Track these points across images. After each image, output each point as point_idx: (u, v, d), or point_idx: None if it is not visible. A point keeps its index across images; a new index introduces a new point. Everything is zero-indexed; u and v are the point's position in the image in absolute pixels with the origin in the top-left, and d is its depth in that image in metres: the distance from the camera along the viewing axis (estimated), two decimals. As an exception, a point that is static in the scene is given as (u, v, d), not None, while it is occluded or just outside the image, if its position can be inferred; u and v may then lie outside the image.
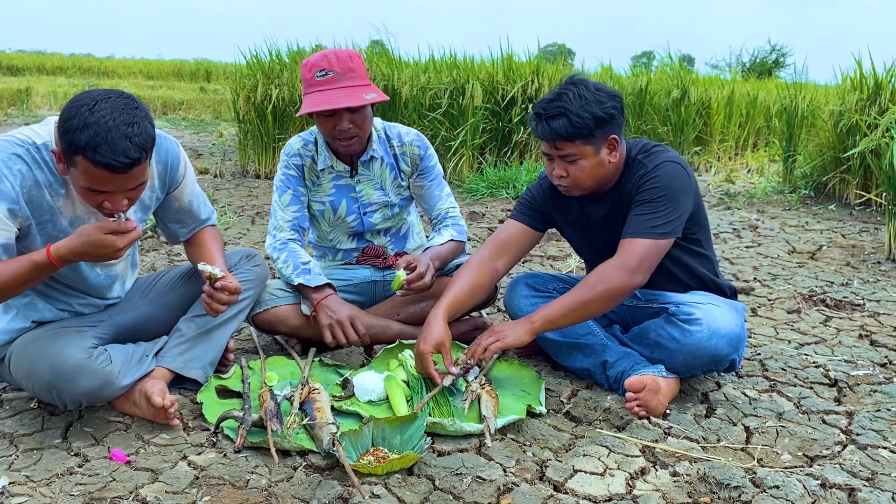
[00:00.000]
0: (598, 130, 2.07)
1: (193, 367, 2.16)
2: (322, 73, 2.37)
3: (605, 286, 2.06)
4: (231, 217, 4.99)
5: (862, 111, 5.79)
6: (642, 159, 2.18)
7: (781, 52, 24.42)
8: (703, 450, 1.93)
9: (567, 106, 2.05)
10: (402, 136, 2.63)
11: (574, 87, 2.08)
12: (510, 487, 1.72)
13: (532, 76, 6.89)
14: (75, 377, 1.86)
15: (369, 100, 2.37)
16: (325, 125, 2.42)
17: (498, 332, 2.13)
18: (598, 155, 2.11)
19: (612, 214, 2.23)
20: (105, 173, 1.67)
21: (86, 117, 1.64)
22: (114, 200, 1.75)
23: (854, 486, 1.75)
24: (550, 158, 2.16)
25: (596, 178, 2.15)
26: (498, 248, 2.33)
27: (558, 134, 2.06)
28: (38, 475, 1.72)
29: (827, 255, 4.29)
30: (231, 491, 1.68)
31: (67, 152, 1.68)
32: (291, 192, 2.58)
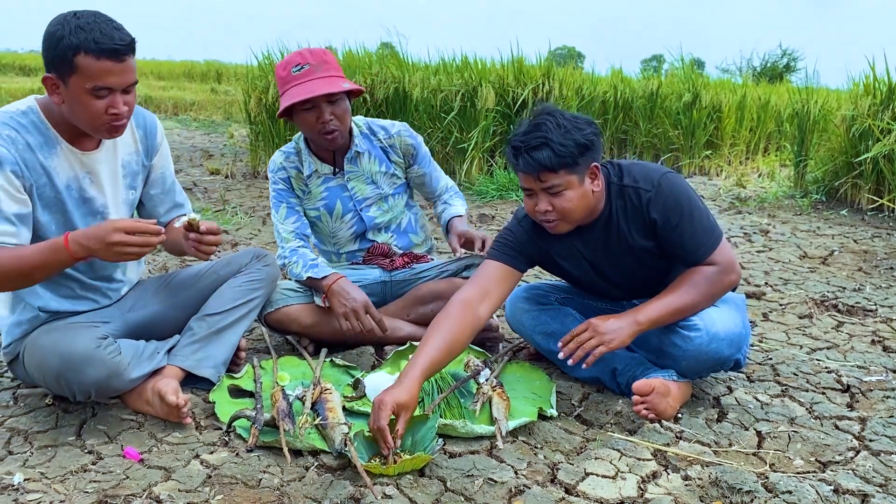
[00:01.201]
0: (580, 158, 1.99)
1: (206, 366, 2.17)
2: (298, 67, 2.41)
3: (718, 288, 2.07)
4: (242, 217, 5.01)
5: (875, 116, 5.76)
6: (631, 184, 2.10)
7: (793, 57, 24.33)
8: (714, 454, 1.92)
9: (548, 135, 1.96)
10: (389, 128, 2.67)
11: (550, 117, 2.00)
12: (521, 489, 1.72)
13: (542, 79, 6.90)
14: (83, 366, 1.87)
15: (347, 87, 2.42)
16: (308, 120, 2.44)
17: (602, 332, 2.00)
18: (583, 185, 2.03)
19: (612, 242, 2.16)
20: (108, 63, 1.80)
21: (74, 23, 1.79)
22: (115, 103, 1.85)
23: (867, 492, 1.74)
24: (531, 194, 2.06)
25: (582, 210, 2.06)
26: (481, 290, 2.14)
27: (542, 165, 1.97)
28: (52, 472, 1.73)
29: (839, 261, 4.27)
30: (243, 490, 1.68)
31: (66, 61, 1.78)
32: (286, 205, 2.62)
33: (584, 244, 2.19)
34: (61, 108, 1.89)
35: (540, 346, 2.38)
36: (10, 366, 2.12)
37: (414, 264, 2.70)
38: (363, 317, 2.39)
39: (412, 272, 2.68)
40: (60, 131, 1.94)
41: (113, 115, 1.87)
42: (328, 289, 2.43)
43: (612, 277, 2.25)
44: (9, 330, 2.06)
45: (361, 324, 2.39)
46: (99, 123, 1.87)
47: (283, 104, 2.42)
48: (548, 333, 2.33)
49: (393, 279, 2.68)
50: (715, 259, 2.08)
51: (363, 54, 7.34)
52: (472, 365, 2.28)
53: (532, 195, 2.07)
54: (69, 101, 1.85)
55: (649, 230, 2.10)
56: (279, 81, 2.47)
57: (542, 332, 2.35)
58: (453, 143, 6.57)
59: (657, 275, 2.20)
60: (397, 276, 2.68)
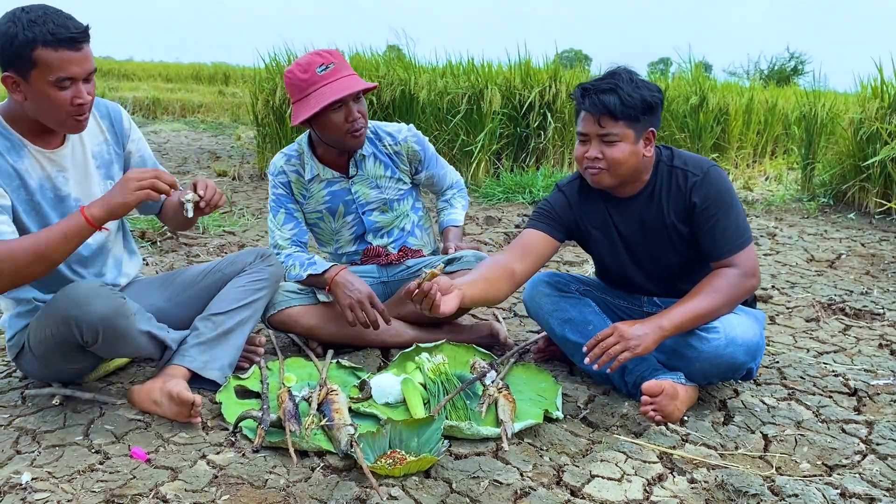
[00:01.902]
0: (643, 116, 2.06)
1: (212, 367, 2.18)
2: (323, 67, 2.38)
3: (739, 292, 2.09)
4: (249, 219, 5.02)
5: (883, 119, 5.74)
6: (681, 166, 2.17)
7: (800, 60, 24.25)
8: (720, 457, 1.92)
9: (619, 83, 2.04)
10: (395, 135, 2.63)
11: (625, 71, 2.09)
12: (527, 491, 1.72)
13: (549, 82, 6.90)
14: (90, 300, 1.88)
15: (370, 84, 2.44)
16: (337, 120, 2.41)
17: (628, 338, 1.99)
18: (636, 144, 2.09)
19: (648, 218, 2.20)
20: (67, 53, 1.81)
21: (25, 18, 1.79)
22: (79, 93, 1.87)
23: (874, 496, 1.73)
24: (585, 141, 2.12)
25: (629, 168, 2.11)
26: (518, 251, 2.24)
27: (607, 108, 2.03)
28: (59, 471, 1.74)
29: (846, 264, 4.25)
30: (249, 490, 1.69)
31: (24, 57, 1.79)
32: (284, 212, 2.61)
33: (622, 218, 2.24)
34: (24, 106, 1.89)
35: (555, 331, 2.36)
36: (15, 361, 2.13)
37: (408, 259, 2.70)
38: (368, 308, 2.39)
39: (409, 271, 2.68)
40: (23, 133, 1.95)
41: (78, 106, 1.88)
42: (331, 280, 2.43)
43: (641, 258, 2.27)
44: (11, 323, 2.09)
45: (366, 315, 2.39)
46: (64, 115, 1.89)
47: (313, 106, 2.36)
48: (565, 320, 2.33)
49: (392, 278, 2.68)
50: (738, 259, 2.10)
51: (370, 56, 7.35)
52: (478, 367, 2.28)
53: (585, 141, 2.12)
54: (32, 98, 1.86)
55: (687, 214, 2.15)
56: (301, 84, 2.40)
57: (559, 318, 2.34)
58: (460, 145, 6.57)
59: (682, 264, 2.24)
60: (395, 276, 2.68)
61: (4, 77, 1.85)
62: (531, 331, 2.91)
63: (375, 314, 2.40)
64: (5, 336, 2.13)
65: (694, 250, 2.20)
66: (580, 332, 2.28)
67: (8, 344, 2.12)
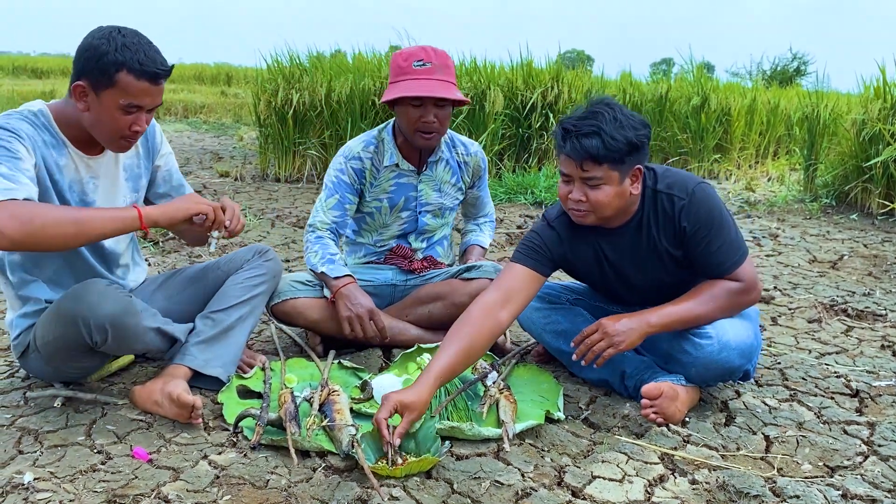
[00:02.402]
0: (627, 157, 1.96)
1: (214, 365, 2.18)
2: (420, 62, 2.43)
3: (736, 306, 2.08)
4: (251, 220, 5.03)
5: (885, 120, 5.74)
6: (665, 190, 2.09)
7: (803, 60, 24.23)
8: (722, 458, 1.92)
9: (602, 125, 1.93)
10: (468, 146, 2.72)
11: (609, 108, 1.97)
12: (528, 492, 1.72)
13: (551, 82, 6.91)
14: (99, 300, 1.89)
15: (460, 97, 2.45)
16: (411, 115, 2.45)
17: (611, 334, 2.00)
18: (622, 184, 2.00)
19: (639, 246, 2.15)
20: (145, 85, 1.88)
21: (120, 41, 1.86)
22: (139, 121, 1.94)
23: (876, 498, 1.73)
24: (568, 181, 2.04)
25: (614, 208, 2.03)
26: (504, 294, 2.11)
27: (589, 154, 1.94)
28: (62, 471, 1.74)
29: (848, 265, 4.25)
30: (251, 490, 1.69)
31: (106, 74, 1.85)
32: (338, 198, 2.60)
33: (612, 248, 2.18)
34: (81, 115, 1.93)
35: (550, 345, 2.38)
36: (20, 360, 2.14)
37: (429, 270, 2.70)
38: (366, 323, 2.40)
39: (423, 278, 2.69)
40: (68, 135, 1.98)
41: (133, 133, 1.95)
42: (337, 291, 2.44)
43: (636, 284, 2.24)
44: (16, 323, 2.09)
45: (364, 330, 2.41)
46: (118, 137, 1.95)
47: (395, 92, 2.42)
48: (558, 332, 2.33)
49: (406, 283, 2.69)
50: (738, 275, 2.08)
51: (372, 56, 7.36)
52: (479, 368, 2.28)
53: (569, 182, 2.04)
54: (95, 112, 1.91)
55: (679, 238, 2.09)
56: (395, 69, 2.48)
57: (552, 331, 2.35)
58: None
59: (676, 283, 2.18)
60: (410, 282, 2.69)
61: (76, 85, 1.89)
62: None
63: (374, 331, 2.42)
64: (10, 336, 2.13)
65: (688, 271, 2.16)
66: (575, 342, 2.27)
67: (13, 343, 2.12)
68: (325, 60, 7.19)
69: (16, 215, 1.70)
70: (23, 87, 15.20)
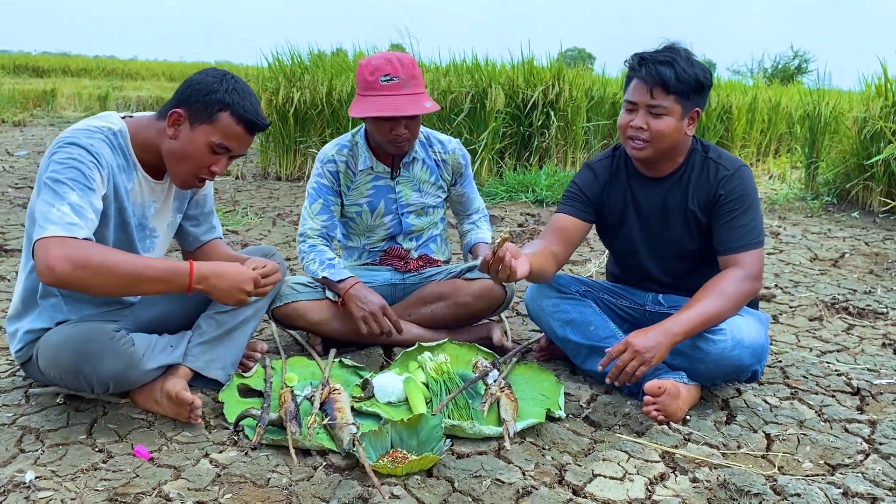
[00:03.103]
0: (693, 94, 2.11)
1: (215, 367, 2.18)
2: (387, 77, 2.40)
3: (742, 296, 2.10)
4: (252, 218, 5.03)
5: (886, 118, 5.73)
6: (715, 158, 2.22)
7: (804, 58, 24.21)
8: (723, 456, 1.92)
9: (676, 58, 2.08)
10: (446, 144, 2.69)
11: (683, 49, 2.13)
12: (529, 490, 1.72)
13: (552, 80, 6.90)
14: (101, 358, 1.89)
15: (430, 108, 2.43)
16: (382, 129, 2.44)
17: (642, 351, 1.99)
18: (682, 121, 2.13)
19: (671, 201, 2.25)
20: (241, 131, 1.94)
21: (232, 83, 1.94)
22: (222, 165, 1.98)
23: (877, 496, 1.73)
24: (632, 110, 2.15)
25: (670, 143, 2.15)
26: (553, 236, 2.30)
27: (662, 79, 2.07)
28: (63, 470, 1.75)
29: (850, 263, 4.25)
30: (252, 489, 1.69)
31: (209, 110, 1.90)
32: (322, 202, 2.61)
33: (646, 198, 2.29)
34: (163, 142, 1.95)
35: (556, 333, 2.38)
36: (22, 367, 2.14)
37: (426, 268, 2.71)
38: (381, 319, 2.42)
39: (422, 276, 2.69)
40: (139, 158, 2.00)
41: (210, 174, 1.98)
42: (345, 293, 2.45)
43: (655, 241, 2.32)
44: (20, 336, 2.05)
45: (380, 326, 2.42)
46: (193, 173, 1.97)
47: (364, 110, 2.40)
48: (566, 321, 2.34)
49: (405, 282, 2.69)
50: (746, 259, 2.13)
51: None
52: (480, 366, 2.28)
53: (633, 110, 2.16)
54: (182, 142, 1.93)
55: (710, 205, 2.20)
56: (361, 82, 2.44)
57: (560, 320, 2.35)
58: (463, 144, 6.57)
59: (694, 253, 2.28)
60: (409, 280, 2.69)
61: (174, 111, 1.92)
62: (534, 330, 2.91)
63: (389, 325, 2.43)
64: (13, 346, 2.09)
65: (707, 241, 2.24)
66: (581, 333, 2.29)
67: (15, 353, 2.09)
68: (326, 59, 7.20)
69: (70, 257, 1.70)
70: (24, 85, 15.21)
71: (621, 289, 2.48)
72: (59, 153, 1.84)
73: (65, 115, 12.38)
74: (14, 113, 11.08)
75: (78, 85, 16.58)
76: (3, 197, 5.24)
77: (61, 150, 1.84)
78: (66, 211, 1.75)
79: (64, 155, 1.82)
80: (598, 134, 7.85)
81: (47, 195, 1.78)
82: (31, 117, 11.53)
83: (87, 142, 1.86)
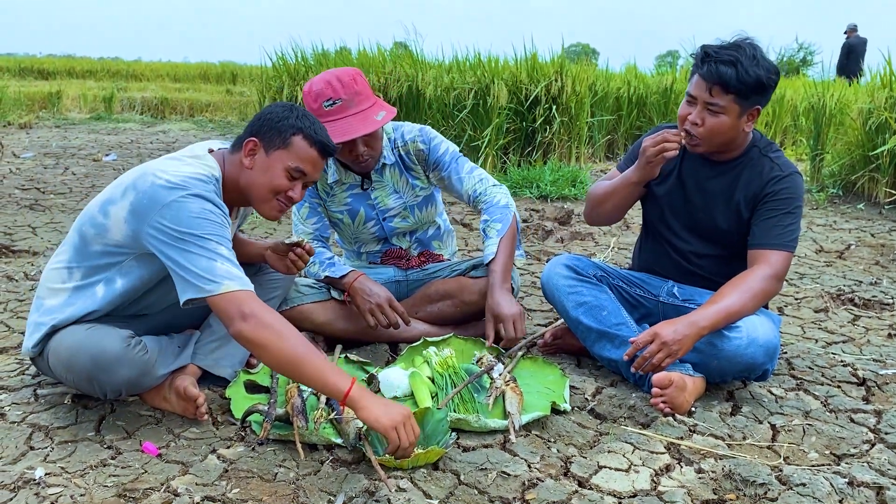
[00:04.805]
0: (753, 94, 2.10)
1: (223, 365, 2.20)
2: (330, 102, 2.36)
3: (764, 295, 2.12)
4: (256, 218, 5.04)
5: (891, 109, 5.71)
6: (773, 157, 2.24)
7: (809, 51, 24.08)
8: (728, 447, 1.92)
9: (740, 58, 2.06)
10: (405, 134, 2.60)
11: (750, 46, 2.10)
12: (535, 483, 1.73)
13: (556, 76, 6.89)
14: (115, 366, 1.90)
15: (381, 121, 2.39)
16: (342, 152, 2.43)
17: (668, 343, 2.01)
18: (739, 119, 2.13)
19: (718, 186, 2.27)
20: (314, 154, 1.98)
21: (301, 111, 2.01)
22: (298, 190, 2.01)
23: (882, 485, 1.73)
24: (691, 103, 2.16)
25: (725, 140, 2.17)
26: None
27: (722, 79, 2.06)
28: (72, 467, 1.76)
29: (855, 255, 4.24)
30: (259, 483, 1.70)
31: (282, 135, 1.96)
32: (308, 206, 2.62)
33: (696, 177, 2.31)
34: (241, 173, 1.99)
35: (569, 313, 2.38)
36: (33, 361, 2.15)
37: (428, 264, 2.72)
38: (388, 311, 2.42)
39: (425, 272, 2.70)
40: (225, 200, 2.01)
41: (287, 199, 2.00)
42: (350, 287, 2.46)
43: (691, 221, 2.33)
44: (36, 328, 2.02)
45: (387, 318, 2.42)
46: (271, 199, 2.00)
47: None
48: (579, 303, 2.35)
49: (408, 278, 2.70)
50: (774, 258, 2.14)
51: (377, 53, 7.36)
52: (485, 361, 2.29)
53: (692, 104, 2.16)
54: (259, 169, 1.97)
55: (756, 200, 2.22)
56: (309, 110, 2.38)
57: (574, 301, 2.36)
58: (466, 140, 6.58)
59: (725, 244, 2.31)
60: (412, 276, 2.70)
61: (249, 140, 1.98)
62: (539, 324, 2.92)
63: (396, 316, 2.43)
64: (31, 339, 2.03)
65: (742, 234, 2.25)
66: (594, 316, 2.30)
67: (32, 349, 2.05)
68: (329, 57, 7.21)
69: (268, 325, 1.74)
70: (29, 87, 15.26)
71: (638, 277, 2.49)
72: (187, 203, 1.83)
73: (70, 116, 12.42)
74: (20, 115, 11.11)
75: (83, 86, 16.61)
76: (9, 199, 5.27)
77: (190, 202, 1.84)
78: (230, 267, 1.81)
79: (196, 207, 1.84)
80: (601, 129, 7.84)
81: (196, 250, 1.80)
82: (36, 119, 11.57)
83: (212, 195, 1.89)
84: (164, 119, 13.30)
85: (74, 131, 9.91)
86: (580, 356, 2.53)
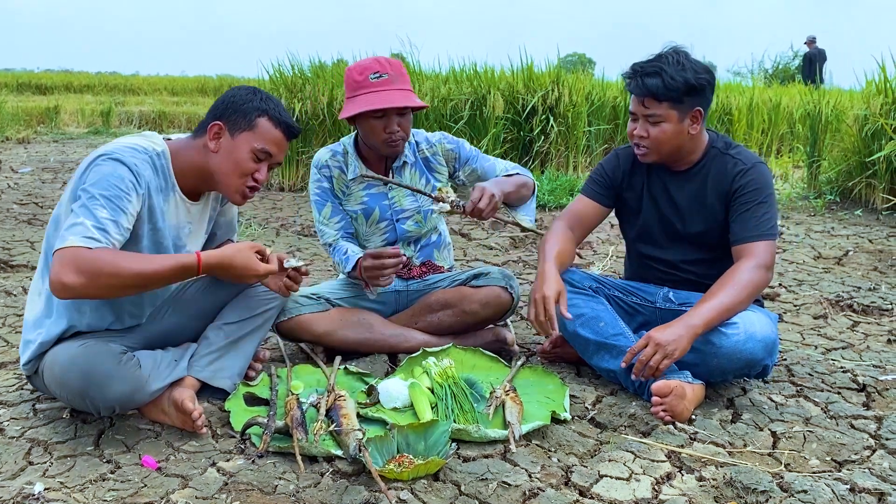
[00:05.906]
0: (686, 98, 2.16)
1: (222, 377, 2.19)
2: (377, 74, 2.43)
3: (755, 286, 2.15)
4: (256, 229, 5.04)
5: (887, 115, 5.73)
6: (734, 154, 2.29)
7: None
8: (729, 454, 1.92)
9: (664, 66, 2.15)
10: (430, 138, 2.69)
11: (674, 53, 2.20)
12: (536, 492, 1.72)
13: (552, 85, 6.92)
14: (108, 383, 1.89)
15: (420, 103, 2.47)
16: (375, 127, 2.45)
17: (663, 345, 2.03)
18: (681, 123, 2.20)
19: (689, 194, 2.32)
20: (279, 135, 2.03)
21: (264, 95, 2.04)
22: (264, 172, 2.05)
23: (884, 491, 1.73)
24: (635, 118, 2.25)
25: (673, 146, 2.24)
26: (571, 219, 2.45)
27: (650, 91, 2.16)
28: (72, 481, 1.75)
29: (854, 261, 4.24)
30: (259, 496, 1.70)
31: (247, 118, 1.99)
32: (331, 204, 2.64)
33: (665, 190, 2.36)
34: (207, 158, 2.00)
35: (566, 326, 2.37)
36: (29, 379, 2.15)
37: (429, 274, 2.72)
38: (386, 261, 2.40)
39: (426, 283, 2.70)
40: (177, 178, 2.03)
41: (254, 183, 2.04)
42: (360, 273, 2.48)
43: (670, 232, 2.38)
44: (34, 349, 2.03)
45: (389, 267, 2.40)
46: (239, 183, 2.02)
47: (356, 108, 2.42)
48: (575, 316, 2.34)
49: (408, 289, 2.70)
50: (758, 249, 2.18)
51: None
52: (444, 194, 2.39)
53: (635, 120, 2.26)
54: (225, 153, 1.99)
55: (727, 198, 2.27)
56: (351, 84, 2.47)
57: (571, 314, 2.35)
58: (464, 151, 6.59)
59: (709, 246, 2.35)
60: (412, 286, 2.70)
61: (214, 124, 1.99)
62: (537, 334, 2.91)
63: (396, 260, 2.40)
64: (24, 356, 2.06)
65: (723, 235, 2.29)
66: (591, 328, 2.30)
67: (22, 366, 2.08)
68: (326, 69, 7.22)
69: (80, 267, 1.73)
70: (27, 102, 15.29)
71: (633, 286, 2.50)
72: (101, 166, 1.86)
73: (68, 131, 12.45)
74: (18, 130, 11.13)
75: (81, 101, 16.65)
76: (7, 213, 5.27)
77: (104, 164, 1.87)
78: (88, 225, 1.78)
79: (106, 169, 1.85)
80: (599, 138, 7.86)
81: (78, 207, 1.81)
82: (34, 134, 11.59)
83: (131, 160, 1.89)
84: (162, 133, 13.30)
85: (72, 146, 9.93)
86: (580, 365, 2.52)
